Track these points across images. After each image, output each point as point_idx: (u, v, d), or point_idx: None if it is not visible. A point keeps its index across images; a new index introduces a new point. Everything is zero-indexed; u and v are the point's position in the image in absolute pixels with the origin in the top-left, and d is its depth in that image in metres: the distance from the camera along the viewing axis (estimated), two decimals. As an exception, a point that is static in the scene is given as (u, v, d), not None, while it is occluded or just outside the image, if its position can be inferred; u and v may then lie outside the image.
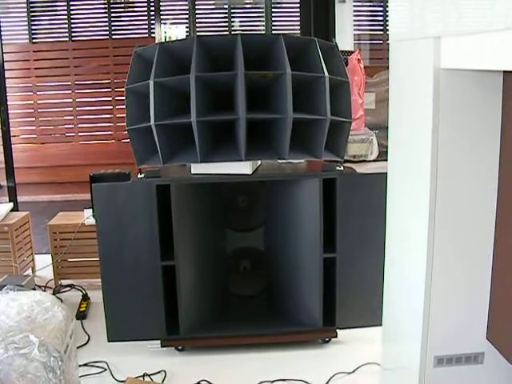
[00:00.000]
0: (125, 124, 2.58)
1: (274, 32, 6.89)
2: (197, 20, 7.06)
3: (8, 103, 4.46)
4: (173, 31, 7.10)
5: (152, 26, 7.08)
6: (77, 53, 7.08)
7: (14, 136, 6.19)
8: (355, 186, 2.62)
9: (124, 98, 2.58)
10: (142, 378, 2.53)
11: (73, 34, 7.10)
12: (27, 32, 7.07)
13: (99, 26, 7.12)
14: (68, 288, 3.60)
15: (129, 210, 2.56)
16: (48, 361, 1.83)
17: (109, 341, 2.68)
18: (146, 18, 7.11)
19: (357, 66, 4.48)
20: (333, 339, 2.83)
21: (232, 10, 7.16)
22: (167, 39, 6.98)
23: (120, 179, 2.78)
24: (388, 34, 1.87)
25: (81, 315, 3.17)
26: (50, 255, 3.63)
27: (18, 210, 4.16)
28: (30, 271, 3.83)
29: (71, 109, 7.18)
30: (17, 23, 7.10)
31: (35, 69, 7.10)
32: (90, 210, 3.40)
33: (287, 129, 2.43)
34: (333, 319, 2.73)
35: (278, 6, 7.11)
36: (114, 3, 7.09)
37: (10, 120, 4.54)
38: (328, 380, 2.52)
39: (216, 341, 2.78)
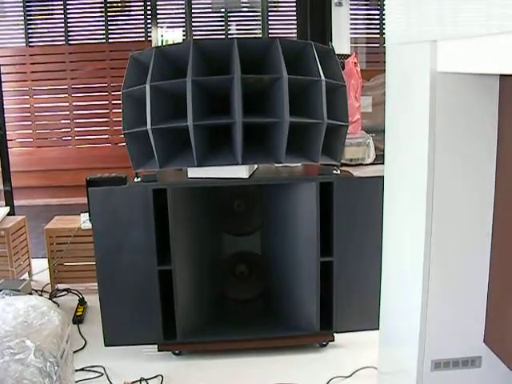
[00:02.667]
0: (121, 128, 2.58)
1: (270, 35, 6.89)
2: (193, 24, 7.06)
3: (4, 107, 4.45)
4: (169, 35, 7.09)
5: (148, 30, 7.08)
6: (73, 56, 7.07)
7: (11, 140, 6.18)
8: (352, 190, 2.62)
9: (120, 101, 2.58)
10: (138, 383, 2.53)
11: (69, 38, 7.10)
12: (23, 35, 7.06)
13: (96, 30, 7.12)
14: (64, 292, 3.59)
15: (125, 214, 2.56)
16: (44, 366, 1.83)
17: (105, 345, 2.67)
18: (142, 21, 7.12)
19: (353, 70, 4.49)
20: (330, 343, 2.82)
21: (228, 14, 7.17)
22: (164, 43, 6.98)
23: (116, 183, 2.77)
24: (384, 38, 1.88)
25: (77, 319, 3.16)
26: (46, 259, 3.62)
27: (14, 214, 4.14)
28: (26, 275, 3.82)
29: (68, 112, 7.18)
30: (13, 27, 7.09)
31: (31, 72, 7.09)
32: (87, 214, 3.39)
33: (284, 133, 2.43)
34: (330, 323, 2.73)
35: (275, 9, 7.12)
36: (110, 7, 7.09)
37: (7, 124, 4.52)
38: (325, 384, 2.52)
39: (213, 345, 2.77)
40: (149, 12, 7.05)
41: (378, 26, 7.02)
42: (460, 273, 1.62)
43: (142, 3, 7.07)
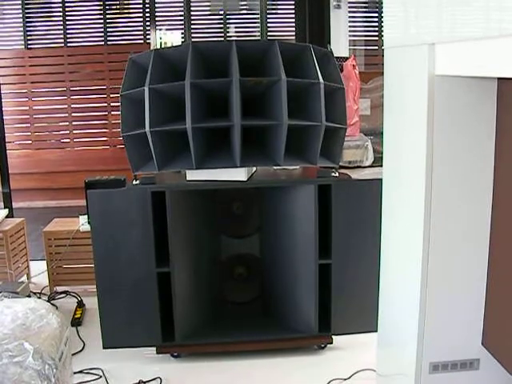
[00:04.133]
0: (120, 130, 2.58)
1: (269, 38, 6.90)
2: (192, 26, 7.07)
3: (3, 109, 4.45)
4: (168, 37, 7.10)
5: (147, 32, 7.08)
6: (72, 59, 7.07)
7: (9, 142, 6.18)
8: (350, 192, 2.62)
9: (119, 104, 2.58)
10: (137, 385, 2.53)
11: (68, 40, 7.10)
12: (22, 38, 7.06)
13: (94, 32, 7.12)
14: (63, 295, 3.58)
15: (124, 216, 2.55)
16: (42, 369, 1.82)
17: (104, 348, 2.67)
18: (141, 23, 7.12)
19: (352, 72, 4.50)
20: (328, 345, 2.82)
21: (227, 16, 7.17)
22: (162, 45, 6.99)
23: (115, 185, 2.77)
24: (383, 40, 1.88)
25: (76, 322, 3.16)
26: (45, 262, 3.61)
27: (12, 217, 4.14)
28: (25, 278, 3.81)
29: (66, 115, 7.18)
30: (12, 29, 7.09)
31: (30, 75, 7.09)
32: (85, 217, 3.38)
33: (282, 135, 2.43)
34: (328, 325, 2.73)
35: (274, 11, 7.12)
36: (109, 9, 7.09)
37: (5, 126, 4.53)
38: (324, 386, 2.52)
39: (211, 347, 2.77)
40: (147, 14, 7.05)
41: (377, 29, 7.02)
42: (458, 275, 1.62)
43: (141, 5, 7.07)
